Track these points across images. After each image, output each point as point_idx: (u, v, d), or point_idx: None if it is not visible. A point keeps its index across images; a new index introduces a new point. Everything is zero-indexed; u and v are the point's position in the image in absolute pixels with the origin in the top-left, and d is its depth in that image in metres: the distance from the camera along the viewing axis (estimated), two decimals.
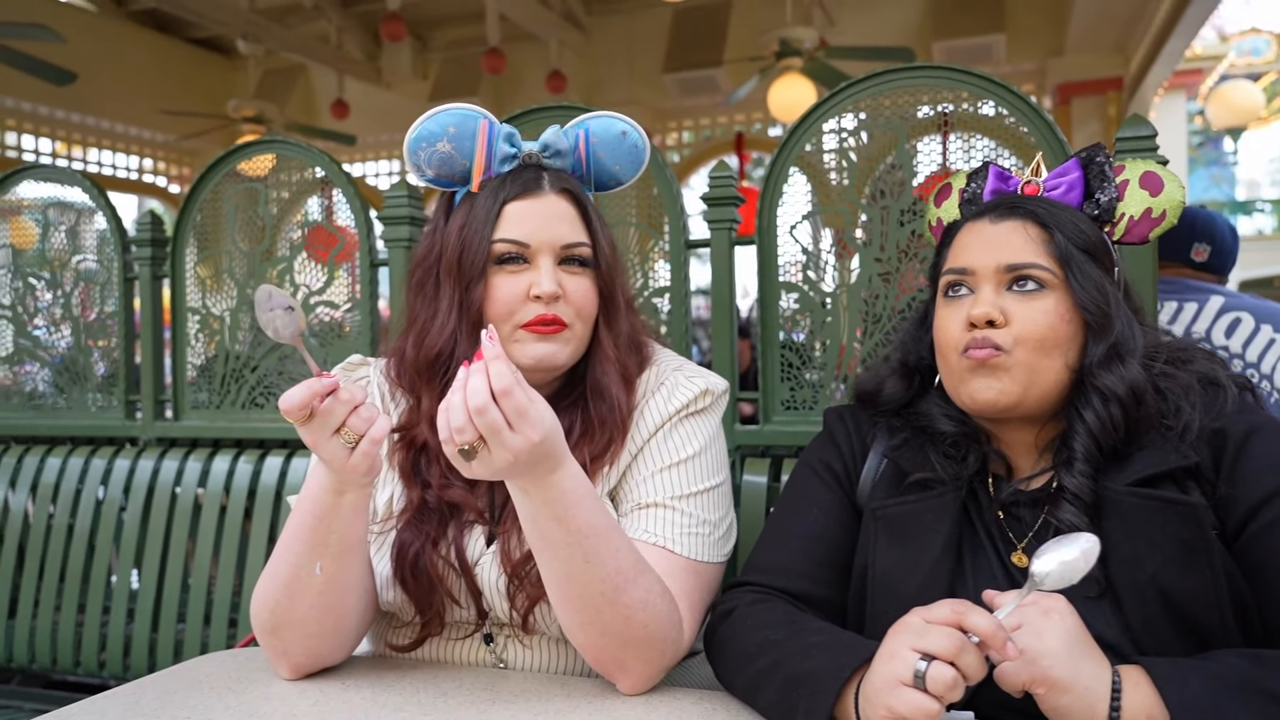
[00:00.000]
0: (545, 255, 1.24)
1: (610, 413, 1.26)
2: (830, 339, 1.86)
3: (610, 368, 1.28)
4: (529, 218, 1.24)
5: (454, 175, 1.28)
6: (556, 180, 1.27)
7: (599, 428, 1.26)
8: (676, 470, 1.26)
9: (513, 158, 1.27)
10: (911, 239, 1.80)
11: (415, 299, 1.30)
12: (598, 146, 1.32)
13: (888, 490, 1.21)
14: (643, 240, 2.03)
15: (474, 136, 1.24)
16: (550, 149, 1.29)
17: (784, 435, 1.87)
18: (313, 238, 2.33)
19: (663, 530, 1.23)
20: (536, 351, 1.23)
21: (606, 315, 1.30)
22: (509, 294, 1.22)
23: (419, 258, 1.31)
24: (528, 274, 1.23)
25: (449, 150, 1.24)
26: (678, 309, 1.95)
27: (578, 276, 1.26)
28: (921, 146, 1.83)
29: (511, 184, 1.25)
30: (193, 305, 2.40)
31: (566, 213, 1.26)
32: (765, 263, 1.89)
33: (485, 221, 1.23)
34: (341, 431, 1.06)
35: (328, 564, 1.15)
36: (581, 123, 1.32)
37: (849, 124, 1.87)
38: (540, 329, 1.22)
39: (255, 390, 2.34)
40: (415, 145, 1.25)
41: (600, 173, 1.34)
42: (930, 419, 1.21)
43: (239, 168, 2.38)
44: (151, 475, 2.32)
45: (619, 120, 1.33)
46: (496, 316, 1.23)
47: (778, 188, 1.89)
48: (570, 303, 1.24)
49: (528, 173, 1.26)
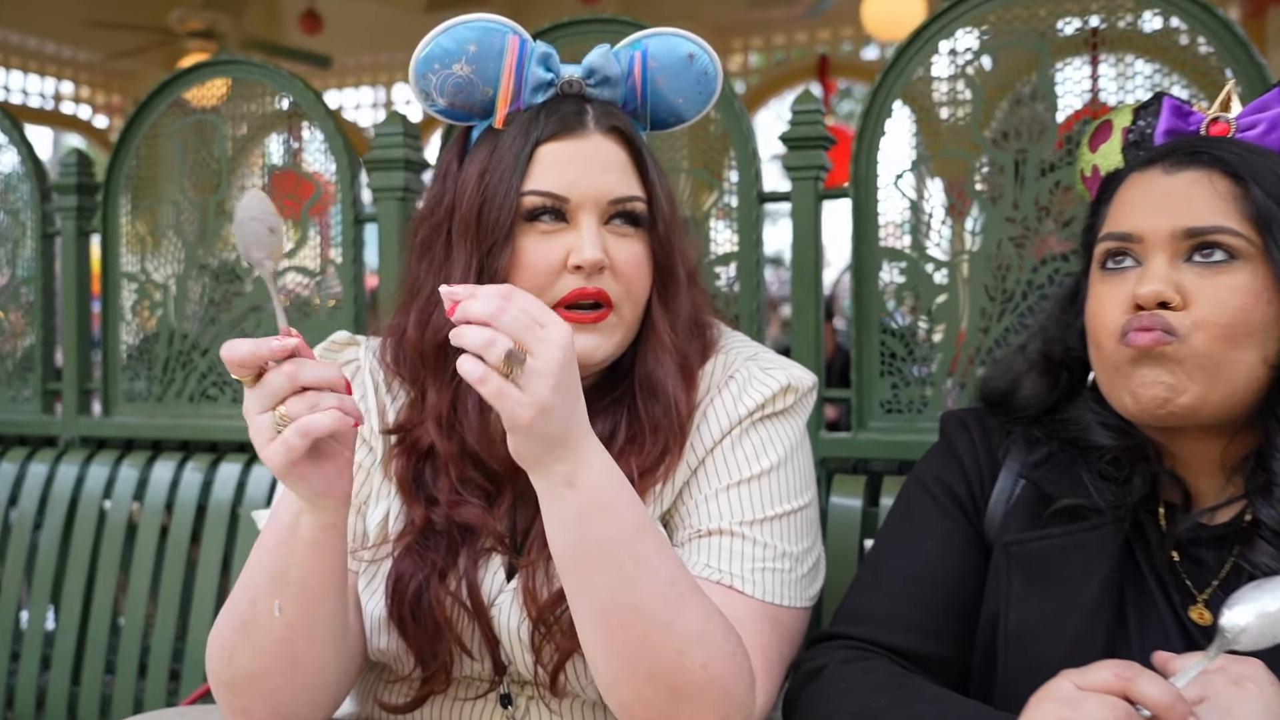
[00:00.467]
0: (588, 212, 1.23)
1: (665, 415, 1.26)
2: (946, 322, 1.84)
3: (666, 357, 1.27)
4: (568, 163, 1.23)
5: (472, 106, 1.28)
6: (603, 116, 1.26)
7: (651, 434, 1.25)
8: (748, 488, 1.26)
9: (548, 85, 1.26)
10: (1055, 193, 1.78)
11: (419, 263, 1.30)
12: (657, 73, 1.31)
13: (1026, 520, 1.20)
14: (698, 192, 2.02)
15: (500, 56, 1.24)
16: (597, 75, 1.28)
17: (884, 446, 1.86)
18: (278, 186, 2.35)
19: (730, 564, 1.22)
20: (577, 346, 1.21)
21: (662, 290, 1.30)
22: (541, 261, 1.22)
23: (425, 210, 1.31)
24: (564, 236, 1.23)
25: (468, 73, 1.24)
26: (747, 281, 1.94)
27: (628, 240, 1.25)
28: (1064, 72, 1.81)
29: (547, 120, 1.24)
30: (129, 270, 2.43)
31: (616, 157, 1.26)
32: (862, 222, 1.88)
33: (513, 167, 1.22)
34: (276, 411, 1.05)
35: (287, 605, 1.15)
36: (637, 42, 1.31)
37: (970, 42, 1.86)
38: (579, 315, 1.21)
39: (206, 379, 2.36)
40: (425, 66, 1.25)
41: (658, 106, 1.33)
42: (1082, 428, 1.20)
43: (185, 96, 2.40)
44: (74, 485, 2.34)
45: (685, 39, 1.32)
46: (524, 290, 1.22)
47: (878, 126, 1.88)
48: (618, 275, 1.24)
49: (567, 105, 1.26)
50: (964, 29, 1.85)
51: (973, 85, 1.85)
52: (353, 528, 1.30)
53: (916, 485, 1.30)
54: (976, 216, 1.84)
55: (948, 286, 1.85)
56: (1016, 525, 1.20)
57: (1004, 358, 1.38)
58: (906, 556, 1.25)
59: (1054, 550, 1.15)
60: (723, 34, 8.92)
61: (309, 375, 1.05)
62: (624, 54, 1.30)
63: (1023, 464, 1.24)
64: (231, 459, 2.25)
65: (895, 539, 1.27)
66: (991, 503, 1.24)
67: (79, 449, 2.43)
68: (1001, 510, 1.23)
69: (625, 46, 1.31)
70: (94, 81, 9.84)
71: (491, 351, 0.98)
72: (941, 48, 1.86)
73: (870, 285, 1.88)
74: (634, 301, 1.26)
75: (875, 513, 1.77)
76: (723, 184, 2.00)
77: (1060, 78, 1.80)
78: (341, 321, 2.21)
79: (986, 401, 1.32)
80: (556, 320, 1.02)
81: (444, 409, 1.26)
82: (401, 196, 2.14)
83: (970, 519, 1.25)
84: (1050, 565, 1.15)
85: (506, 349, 0.98)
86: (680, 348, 1.29)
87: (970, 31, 1.85)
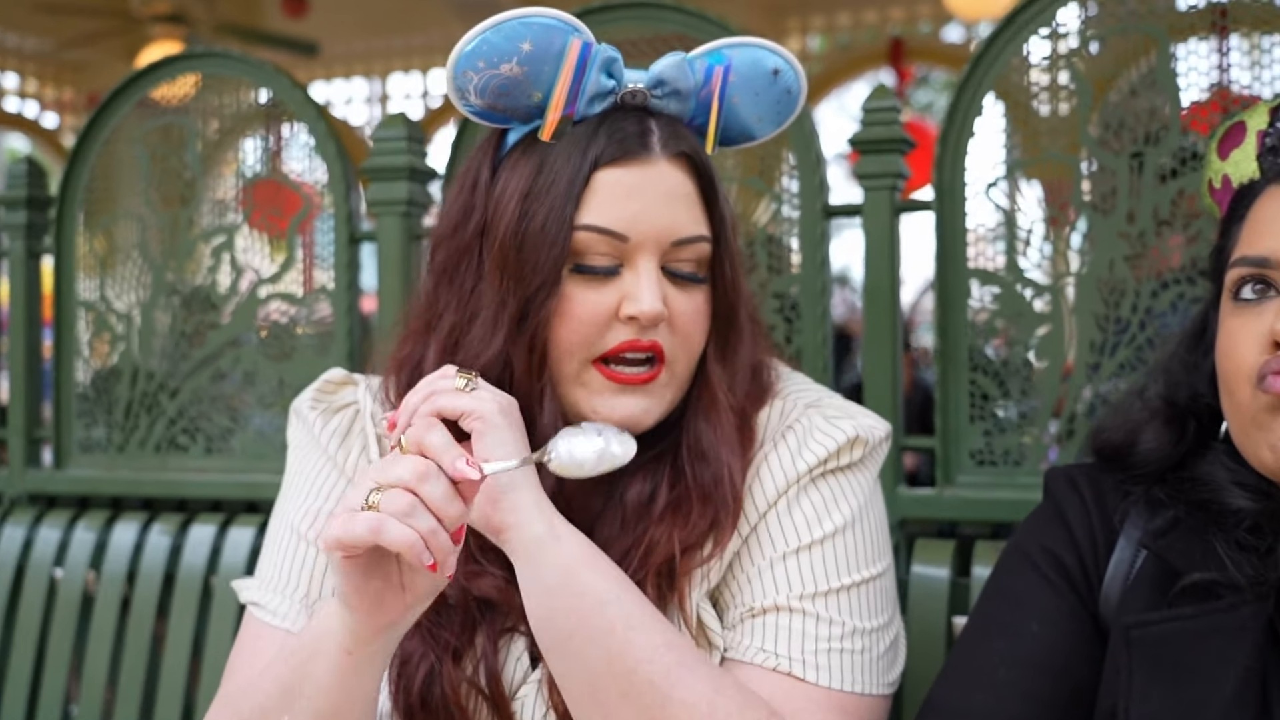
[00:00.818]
0: (647, 254, 1.24)
1: (717, 484, 1.27)
2: (1049, 357, 1.84)
3: (721, 418, 1.29)
4: (630, 195, 1.24)
5: (514, 110, 1.28)
6: (671, 138, 1.28)
7: (699, 503, 1.27)
8: (809, 555, 1.26)
9: (608, 94, 1.27)
10: (1178, 202, 1.78)
11: (438, 288, 1.32)
12: (736, 89, 1.33)
13: (1149, 598, 1.19)
14: (748, 202, 2.03)
15: (558, 59, 1.24)
16: (666, 87, 1.28)
17: (976, 505, 1.85)
18: (259, 197, 2.38)
19: (787, 647, 1.23)
20: (622, 409, 1.25)
21: (721, 343, 1.31)
22: (591, 311, 1.24)
23: (447, 226, 1.33)
24: (616, 282, 1.24)
25: (518, 75, 1.24)
26: (810, 310, 1.95)
27: (689, 290, 1.27)
28: (1185, 55, 1.82)
29: (609, 139, 1.25)
30: (85, 297, 2.46)
31: (682, 189, 1.27)
32: (947, 239, 1.88)
33: (566, 195, 1.23)
34: (373, 494, 1.07)
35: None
36: (719, 53, 1.32)
37: (1070, 23, 1.86)
38: (627, 375, 1.24)
39: (175, 425, 2.38)
40: (467, 63, 1.24)
41: (730, 125, 1.34)
42: (1214, 489, 1.19)
43: (152, 95, 2.43)
44: (20, 550, 2.35)
45: (772, 53, 1.33)
46: (568, 344, 1.24)
47: (966, 125, 1.88)
48: (675, 328, 1.26)
49: (628, 121, 1.26)
50: (1067, 6, 1.85)
51: (1077, 76, 1.85)
52: None
53: (1018, 556, 1.29)
54: (1083, 231, 1.84)
55: (1050, 315, 1.84)
56: (1138, 604, 1.20)
57: (1119, 403, 1.38)
58: (1007, 640, 1.24)
59: (1183, 635, 1.15)
60: (777, 13, 8.92)
61: (430, 491, 1.07)
62: (700, 65, 1.31)
63: (1144, 531, 1.23)
64: (204, 519, 2.26)
65: (993, 619, 1.26)
66: (1107, 577, 1.24)
67: (25, 507, 2.45)
68: (1120, 586, 1.23)
69: (703, 56, 1.32)
70: (42, 74, 9.94)
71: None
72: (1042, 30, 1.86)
73: (957, 314, 1.88)
74: (690, 356, 1.28)
75: (966, 584, 1.76)
76: (777, 191, 2.01)
77: (1178, 61, 1.80)
78: (334, 358, 2.23)
79: (1099, 456, 1.31)
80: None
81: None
82: (405, 211, 2.16)
83: (1082, 596, 1.24)
84: (1179, 653, 1.14)
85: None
86: (737, 407, 1.31)
87: (1073, 8, 1.85)
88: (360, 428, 1.39)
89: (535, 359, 1.24)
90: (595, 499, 1.33)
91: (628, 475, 1.30)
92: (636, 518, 1.29)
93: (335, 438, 1.40)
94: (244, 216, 2.36)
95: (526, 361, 1.25)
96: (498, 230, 1.26)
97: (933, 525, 1.91)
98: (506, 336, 1.24)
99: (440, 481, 1.07)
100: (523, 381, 1.25)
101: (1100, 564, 1.25)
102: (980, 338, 1.88)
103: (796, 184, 1.99)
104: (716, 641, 1.26)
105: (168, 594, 2.22)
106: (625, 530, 1.29)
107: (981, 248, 1.89)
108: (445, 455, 1.08)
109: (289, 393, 2.25)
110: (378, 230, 2.19)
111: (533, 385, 1.25)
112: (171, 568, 2.23)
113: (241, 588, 1.42)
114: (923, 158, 1.95)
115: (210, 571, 2.20)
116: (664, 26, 2.01)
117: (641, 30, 2.03)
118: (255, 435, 2.31)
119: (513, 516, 1.18)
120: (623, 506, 1.30)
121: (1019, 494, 1.81)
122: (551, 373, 1.25)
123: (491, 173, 1.31)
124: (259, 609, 1.37)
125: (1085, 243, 1.84)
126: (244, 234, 2.35)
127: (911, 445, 1.95)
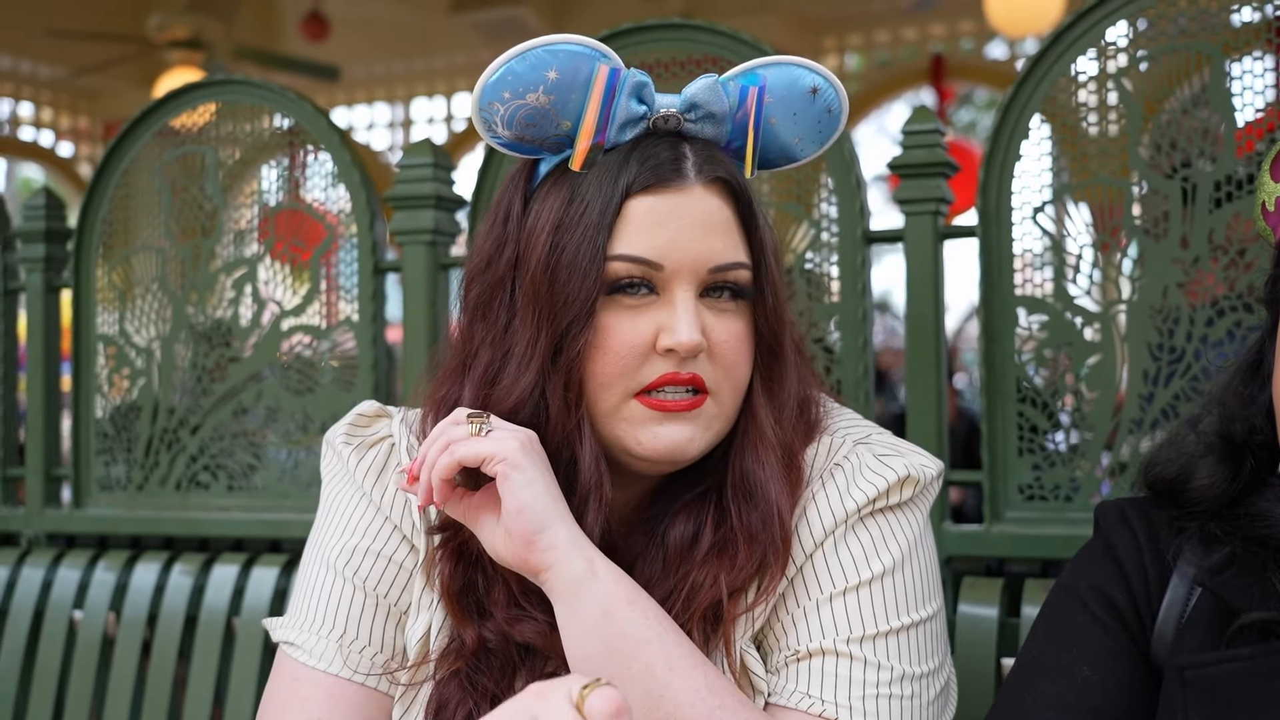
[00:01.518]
0: (684, 283, 1.25)
1: (765, 525, 1.26)
2: (1100, 388, 1.84)
3: (768, 454, 1.29)
4: (664, 223, 1.25)
5: (543, 140, 1.29)
6: (706, 163, 1.28)
7: (745, 545, 1.26)
8: (856, 597, 1.26)
9: (639, 120, 1.28)
10: (1234, 225, 1.77)
11: (474, 325, 1.32)
12: (773, 110, 1.33)
13: (1205, 638, 1.19)
14: (785, 228, 2.04)
15: (586, 87, 1.25)
16: (700, 110, 1.29)
17: (1025, 542, 1.85)
18: (281, 227, 2.40)
19: (834, 692, 1.22)
20: (663, 439, 1.24)
21: (766, 373, 1.31)
22: (627, 343, 1.24)
23: (480, 261, 1.33)
24: (654, 311, 1.25)
25: (545, 104, 1.25)
26: (851, 341, 1.96)
27: (729, 316, 1.27)
28: (1240, 73, 1.82)
29: (641, 166, 1.25)
30: (105, 331, 2.49)
31: (719, 216, 1.27)
32: (992, 266, 1.89)
33: (597, 224, 1.24)
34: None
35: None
36: (753, 74, 1.33)
37: (1120, 39, 1.86)
38: (669, 403, 1.24)
39: (197, 462, 2.40)
40: (493, 94, 1.25)
41: (768, 146, 1.35)
42: (1273, 525, 1.19)
43: (171, 124, 2.46)
44: (39, 592, 2.38)
45: (809, 71, 1.33)
46: (604, 376, 1.24)
47: (1012, 148, 1.89)
48: (716, 358, 1.26)
49: (661, 147, 1.27)
50: (1118, 21, 1.85)
51: (1125, 97, 1.86)
52: (390, 641, 1.33)
53: (1067, 594, 1.29)
54: (1135, 257, 1.84)
55: (1101, 344, 1.84)
56: (1193, 645, 1.19)
57: (1173, 435, 1.38)
58: (1057, 683, 1.23)
59: (1241, 676, 1.14)
60: (813, 31, 8.97)
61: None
62: (734, 87, 1.31)
63: (1199, 568, 1.23)
64: (227, 559, 2.28)
65: (1042, 661, 1.26)
66: (1160, 617, 1.23)
67: (44, 548, 2.47)
68: (1174, 626, 1.22)
69: (737, 77, 1.32)
70: (57, 102, 10.06)
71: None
72: (1090, 51, 1.87)
73: (1004, 343, 1.88)
74: (735, 387, 1.28)
75: (1016, 624, 1.76)
76: (815, 216, 2.02)
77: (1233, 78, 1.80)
78: (360, 393, 2.24)
79: (1152, 490, 1.31)
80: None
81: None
82: (431, 240, 2.18)
83: (1134, 637, 1.24)
84: (1236, 695, 1.13)
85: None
86: (785, 442, 1.31)
87: (1122, 26, 1.85)
88: (396, 462, 1.40)
89: (571, 395, 1.24)
90: (638, 538, 1.33)
91: (671, 514, 1.30)
92: (679, 559, 1.28)
93: (371, 473, 1.40)
94: (265, 247, 2.38)
95: (562, 397, 1.24)
96: (529, 263, 1.26)
97: (980, 563, 1.91)
98: (540, 371, 1.25)
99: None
100: (559, 419, 1.25)
101: (1153, 602, 1.25)
102: (1029, 368, 1.88)
103: (835, 209, 1.99)
104: (760, 686, 1.26)
105: (189, 636, 2.24)
106: (667, 572, 1.28)
107: (1029, 275, 1.89)
108: None
109: (313, 428, 2.27)
110: (403, 260, 2.21)
111: (569, 422, 1.25)
112: (193, 609, 2.25)
113: (274, 626, 1.40)
114: (966, 180, 1.96)
115: (233, 613, 2.21)
116: (696, 48, 2.03)
117: (674, 52, 2.05)
118: (278, 472, 2.32)
119: (550, 555, 1.18)
120: (665, 547, 1.30)
121: (1070, 530, 1.80)
122: (589, 409, 1.25)
123: (523, 205, 1.31)
124: (294, 649, 1.35)
125: (1137, 270, 1.84)
126: (265, 265, 2.37)
127: (957, 480, 1.95)
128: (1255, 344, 1.29)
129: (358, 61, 9.70)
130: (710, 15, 6.37)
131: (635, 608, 1.17)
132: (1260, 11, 1.80)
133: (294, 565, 2.14)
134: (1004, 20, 6.58)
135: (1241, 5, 1.81)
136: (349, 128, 10.30)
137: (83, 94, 10.05)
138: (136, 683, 2.25)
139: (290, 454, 2.33)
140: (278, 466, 2.33)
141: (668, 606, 1.23)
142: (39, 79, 9.79)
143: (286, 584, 2.17)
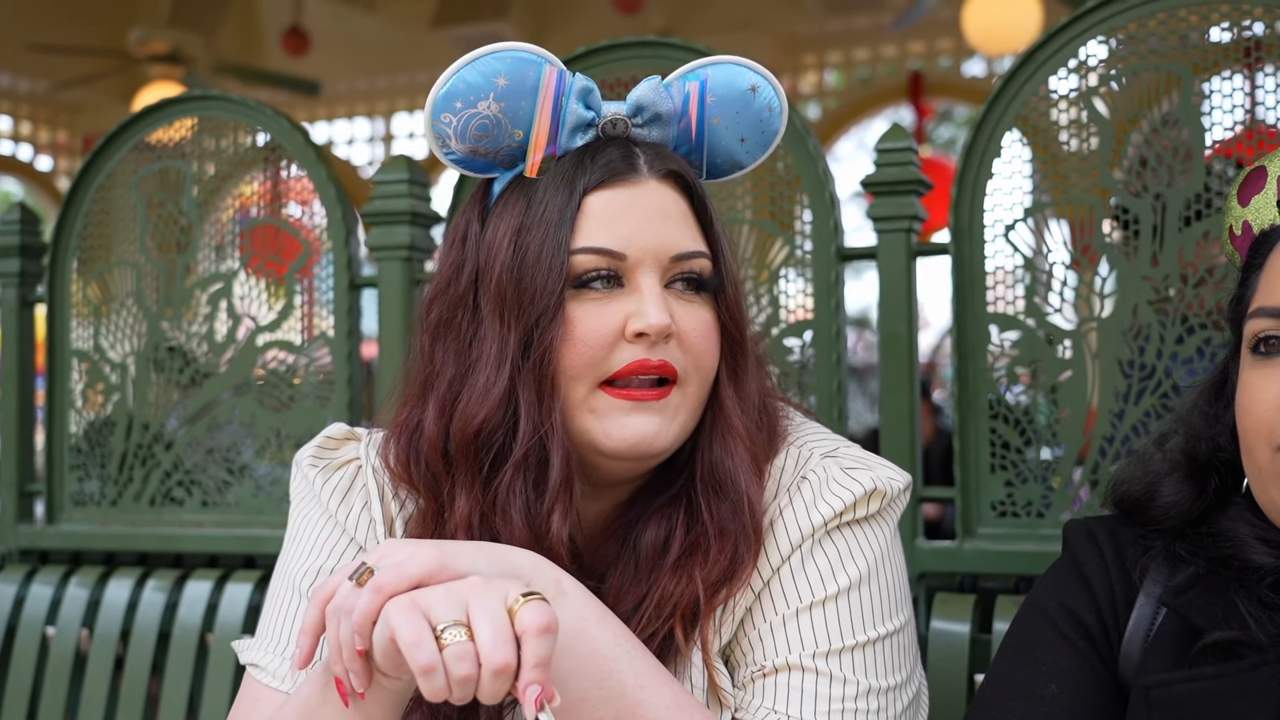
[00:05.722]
0: (648, 270, 1.26)
1: (736, 516, 1.27)
2: (1071, 404, 1.85)
3: (736, 445, 1.29)
4: (623, 215, 1.26)
5: (496, 153, 1.31)
6: (657, 160, 1.30)
7: (717, 539, 1.27)
8: (823, 611, 1.26)
9: (588, 126, 1.30)
10: (1203, 245, 1.78)
11: (435, 345, 1.33)
12: (716, 109, 1.34)
13: (1170, 657, 1.19)
14: (762, 246, 2.04)
15: (534, 93, 1.27)
16: (646, 112, 1.31)
17: (997, 558, 1.85)
18: (257, 242, 2.40)
19: (799, 708, 1.22)
20: (633, 430, 1.24)
21: (732, 365, 1.32)
22: (596, 332, 1.25)
23: (440, 283, 1.34)
24: (621, 300, 1.26)
25: (495, 113, 1.27)
26: (825, 356, 1.96)
27: (693, 305, 1.29)
28: (1209, 93, 1.83)
29: (593, 166, 1.27)
30: (79, 346, 2.48)
31: (675, 207, 1.29)
32: (965, 283, 1.89)
33: (558, 222, 1.25)
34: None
35: None
36: (695, 73, 1.35)
37: (1091, 58, 1.87)
38: (638, 393, 1.24)
39: (171, 478, 2.39)
40: (444, 105, 1.27)
41: (715, 149, 1.37)
42: (1235, 544, 1.19)
43: (149, 139, 2.46)
44: (11, 608, 2.36)
45: (746, 69, 1.35)
46: (574, 368, 1.25)
47: (985, 165, 1.90)
48: (685, 345, 1.27)
49: (613, 149, 1.29)
50: (1092, 41, 1.86)
51: (1095, 116, 1.86)
52: None
53: (1035, 613, 1.29)
54: (1106, 275, 1.85)
55: (1073, 360, 1.85)
56: (1158, 664, 1.20)
57: (1140, 453, 1.38)
58: (1024, 701, 1.23)
59: (1205, 695, 1.14)
60: (794, 48, 9.00)
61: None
62: (677, 87, 1.33)
63: (1164, 588, 1.23)
64: (200, 575, 2.27)
65: (1011, 679, 1.26)
66: (1127, 635, 1.24)
67: (17, 564, 2.46)
68: (1140, 645, 1.23)
69: (679, 78, 1.35)
70: (36, 116, 10.03)
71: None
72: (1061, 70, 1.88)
73: (977, 360, 1.89)
74: (702, 377, 1.28)
75: (988, 640, 1.76)
76: (793, 234, 2.02)
77: (1206, 95, 1.82)
78: (335, 408, 2.24)
79: (1119, 508, 1.31)
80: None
81: (475, 519, 1.27)
82: (407, 256, 2.18)
83: (1101, 655, 1.24)
84: (1201, 714, 1.14)
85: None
86: (752, 435, 1.31)
87: (1097, 43, 1.86)
88: (362, 484, 1.40)
89: (545, 391, 1.24)
90: (610, 546, 1.33)
91: (642, 520, 1.31)
92: (651, 565, 1.29)
93: (336, 495, 1.40)
94: (242, 262, 2.37)
95: (535, 395, 1.25)
96: (494, 270, 1.27)
97: (954, 579, 1.91)
98: (511, 374, 1.25)
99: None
100: (530, 420, 1.25)
101: (1120, 621, 1.25)
102: (1001, 385, 1.88)
103: (809, 225, 2.00)
104: (727, 701, 1.26)
105: (163, 652, 2.23)
106: (639, 578, 1.29)
107: (1002, 292, 1.89)
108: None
109: (288, 444, 2.26)
110: (379, 275, 2.21)
111: (541, 423, 1.25)
112: (167, 625, 2.24)
113: (242, 649, 1.41)
114: (941, 199, 1.96)
115: (206, 629, 2.21)
116: (673, 66, 2.02)
117: (651, 70, 2.04)
118: (253, 488, 2.32)
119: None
120: (637, 554, 1.30)
121: (1042, 546, 1.81)
122: (562, 405, 1.25)
123: (481, 223, 1.32)
124: (258, 670, 1.36)
125: (1108, 287, 1.84)
126: (241, 280, 2.36)
127: (930, 496, 1.95)
128: (1220, 364, 1.30)
129: (339, 76, 9.69)
130: (691, 33, 6.41)
131: (604, 625, 1.16)
132: (1230, 32, 1.81)
133: (268, 582, 2.13)
134: (981, 38, 6.62)
135: (1212, 26, 1.82)
136: (329, 142, 10.32)
137: (63, 108, 10.03)
138: (109, 699, 2.24)
139: (266, 470, 2.32)
140: (253, 482, 2.32)
141: (641, 613, 1.24)
142: (18, 93, 9.77)
143: (260, 600, 2.15)
